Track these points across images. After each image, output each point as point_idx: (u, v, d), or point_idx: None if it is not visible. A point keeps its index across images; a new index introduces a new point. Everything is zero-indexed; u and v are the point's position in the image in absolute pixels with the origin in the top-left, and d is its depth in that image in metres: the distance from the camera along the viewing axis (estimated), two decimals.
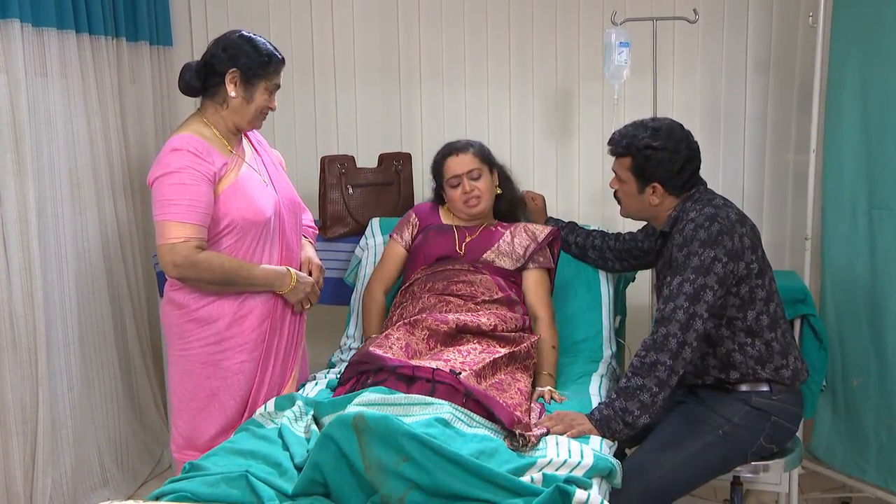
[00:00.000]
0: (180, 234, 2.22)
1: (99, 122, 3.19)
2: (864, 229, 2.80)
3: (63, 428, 2.98)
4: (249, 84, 2.35)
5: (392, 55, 3.68)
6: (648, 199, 2.36)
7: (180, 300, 2.37)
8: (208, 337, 2.36)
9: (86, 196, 3.12)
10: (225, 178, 2.32)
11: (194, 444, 2.42)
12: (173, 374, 2.45)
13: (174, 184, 2.23)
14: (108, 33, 3.25)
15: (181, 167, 2.24)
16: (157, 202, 2.26)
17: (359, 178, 3.23)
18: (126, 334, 3.35)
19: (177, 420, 2.45)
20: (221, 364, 2.38)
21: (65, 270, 3.00)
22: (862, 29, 2.77)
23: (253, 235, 2.36)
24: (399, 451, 1.64)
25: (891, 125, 2.69)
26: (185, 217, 2.22)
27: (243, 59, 2.33)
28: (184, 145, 2.27)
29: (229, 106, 2.36)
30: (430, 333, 2.35)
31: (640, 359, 2.19)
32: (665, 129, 2.35)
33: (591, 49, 3.52)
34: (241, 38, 2.37)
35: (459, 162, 2.77)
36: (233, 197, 2.32)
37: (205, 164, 2.27)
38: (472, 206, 2.76)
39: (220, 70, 2.34)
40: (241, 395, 2.42)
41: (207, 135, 2.34)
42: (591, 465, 1.84)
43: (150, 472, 3.43)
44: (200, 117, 2.39)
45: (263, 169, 2.49)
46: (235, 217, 2.32)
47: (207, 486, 1.67)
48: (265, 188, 2.43)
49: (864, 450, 2.86)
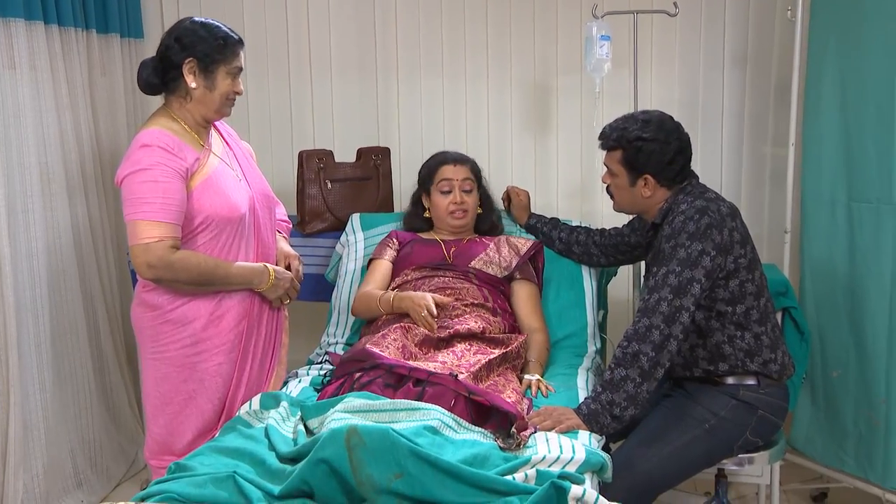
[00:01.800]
0: (154, 233, 2.15)
1: (69, 117, 3.11)
2: (843, 222, 2.82)
3: (35, 429, 2.90)
4: (208, 72, 2.27)
5: (369, 48, 3.64)
6: (640, 192, 2.36)
7: (153, 301, 2.30)
8: (184, 339, 2.30)
9: (57, 192, 3.04)
10: (197, 173, 2.25)
11: (171, 449, 2.36)
12: (147, 377, 2.38)
13: (146, 181, 2.15)
14: (78, 25, 3.17)
15: (152, 164, 2.16)
16: (129, 201, 2.18)
17: (337, 172, 3.19)
18: (99, 333, 3.28)
19: (152, 425, 2.38)
20: (198, 366, 2.32)
21: (36, 268, 2.93)
22: (840, 22, 2.78)
23: (228, 232, 2.30)
24: (392, 467, 1.61)
25: (869, 118, 2.70)
26: (159, 216, 2.15)
27: (199, 46, 2.25)
28: (154, 141, 2.19)
29: (192, 97, 2.28)
30: (424, 338, 2.35)
31: (622, 349, 2.18)
32: (655, 120, 2.35)
33: (570, 43, 3.51)
34: (192, 25, 2.29)
35: (456, 170, 2.80)
36: (206, 193, 2.25)
37: (176, 159, 2.20)
38: (457, 217, 2.78)
39: (176, 62, 2.26)
40: (218, 397, 2.36)
41: (176, 129, 2.27)
42: (584, 459, 1.83)
43: (124, 473, 3.37)
44: (167, 111, 2.32)
45: (236, 163, 2.42)
46: (209, 213, 2.25)
47: (195, 487, 1.63)
48: (238, 183, 2.37)
49: (843, 441, 2.88)
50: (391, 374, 2.10)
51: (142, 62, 2.33)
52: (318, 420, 1.95)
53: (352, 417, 1.85)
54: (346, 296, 2.88)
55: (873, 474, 2.78)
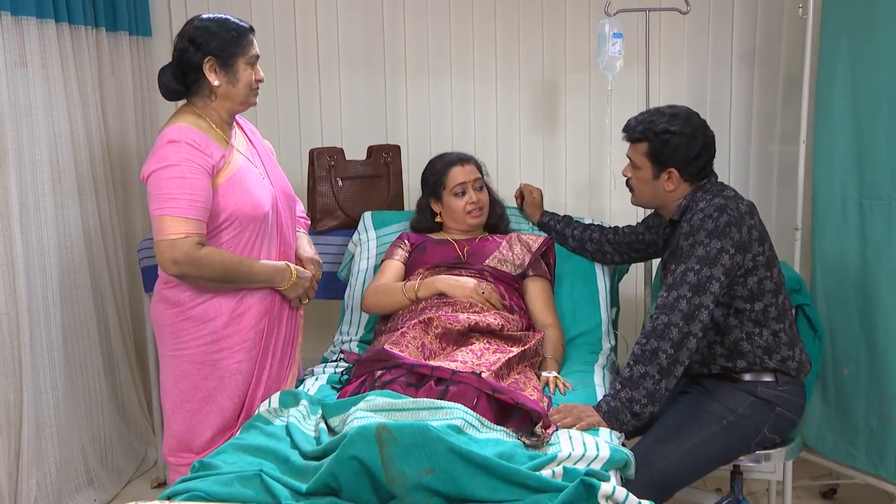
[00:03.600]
0: (180, 229, 2.15)
1: (80, 115, 3.11)
2: (854, 219, 2.83)
3: (47, 427, 2.90)
4: (228, 66, 2.27)
5: (377, 46, 3.63)
6: (663, 186, 2.36)
7: (175, 298, 2.30)
8: (204, 336, 2.30)
9: (67, 190, 3.04)
10: (223, 170, 2.26)
11: (190, 447, 2.36)
12: (167, 375, 2.37)
13: (173, 177, 2.16)
14: (88, 23, 3.17)
15: (180, 160, 2.17)
16: (155, 197, 2.18)
17: (348, 170, 3.19)
18: (109, 331, 3.27)
19: (171, 423, 2.38)
20: (219, 364, 2.32)
21: (48, 266, 2.93)
22: (852, 20, 2.79)
23: (251, 230, 2.31)
24: (424, 463, 1.60)
25: (881, 115, 2.71)
26: (186, 212, 2.15)
27: (213, 42, 2.25)
28: (181, 137, 2.19)
29: (217, 95, 2.29)
30: (444, 332, 2.34)
31: (640, 347, 2.18)
32: (683, 115, 2.35)
33: (578, 40, 3.51)
34: (202, 23, 2.28)
35: (465, 171, 2.80)
36: (230, 190, 2.26)
37: (203, 156, 2.20)
38: (475, 216, 2.79)
39: (195, 63, 2.26)
40: (238, 395, 2.36)
41: (203, 126, 2.27)
42: (608, 457, 1.83)
43: (134, 471, 3.37)
44: (192, 109, 2.31)
45: (259, 161, 2.43)
46: (233, 211, 2.26)
47: (221, 486, 1.63)
48: (262, 181, 2.37)
49: (854, 437, 2.89)
50: (413, 374, 2.10)
51: (160, 70, 2.33)
52: (339, 418, 1.95)
53: (374, 416, 1.85)
54: (358, 294, 2.87)
55: (885, 470, 2.79)
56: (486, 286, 2.54)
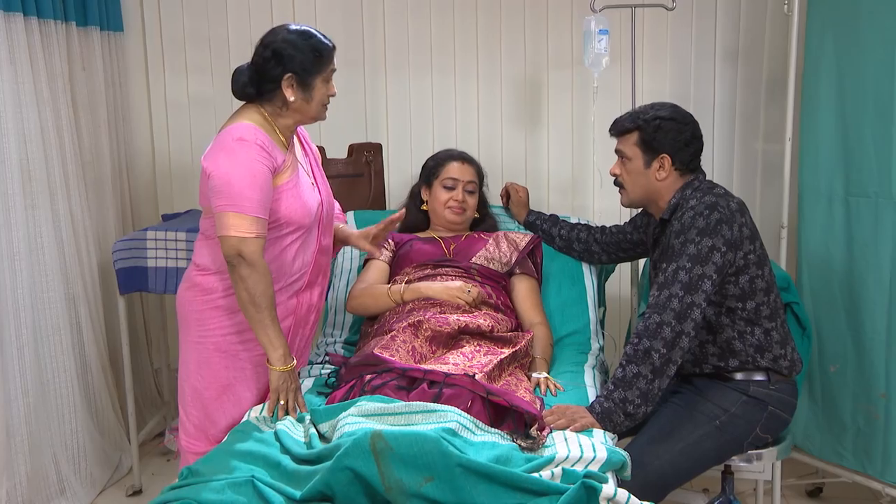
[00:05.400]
0: (253, 228, 2.13)
1: (50, 112, 3.01)
2: (841, 217, 2.81)
3: (18, 435, 2.80)
4: (306, 84, 2.24)
5: (356, 42, 3.57)
6: (654, 175, 2.33)
7: (208, 285, 2.29)
8: (230, 327, 2.29)
9: (38, 190, 2.94)
10: (281, 175, 2.24)
11: (207, 434, 2.35)
12: (188, 361, 2.35)
13: (244, 176, 2.13)
14: (58, 17, 3.07)
15: (250, 160, 2.14)
16: (226, 193, 2.13)
17: (329, 169, 3.11)
18: (82, 335, 3.17)
19: (190, 409, 2.36)
20: (240, 355, 2.31)
21: (17, 269, 2.82)
22: (838, 16, 2.78)
23: (295, 235, 2.30)
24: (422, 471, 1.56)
25: (868, 112, 2.70)
26: (256, 212, 2.14)
27: (297, 59, 2.21)
28: (250, 136, 2.16)
29: (290, 108, 2.26)
30: (434, 335, 2.30)
31: (633, 346, 2.15)
32: (669, 106, 2.38)
33: (561, 37, 3.49)
34: (289, 36, 2.23)
35: (463, 170, 2.80)
36: (284, 195, 2.24)
37: (270, 158, 2.18)
38: (456, 212, 2.78)
39: (274, 76, 2.22)
40: (257, 388, 2.35)
41: (268, 129, 2.24)
42: (606, 458, 1.80)
43: (108, 479, 3.27)
44: (259, 109, 2.27)
45: (311, 170, 2.42)
46: (284, 214, 2.24)
47: (213, 493, 1.57)
48: (312, 191, 2.36)
49: (841, 435, 2.88)
50: (404, 377, 2.05)
51: (237, 69, 2.28)
52: (329, 424, 1.90)
53: (366, 421, 1.80)
54: (342, 295, 2.82)
55: (872, 468, 2.79)
56: (471, 286, 2.50)
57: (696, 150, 2.34)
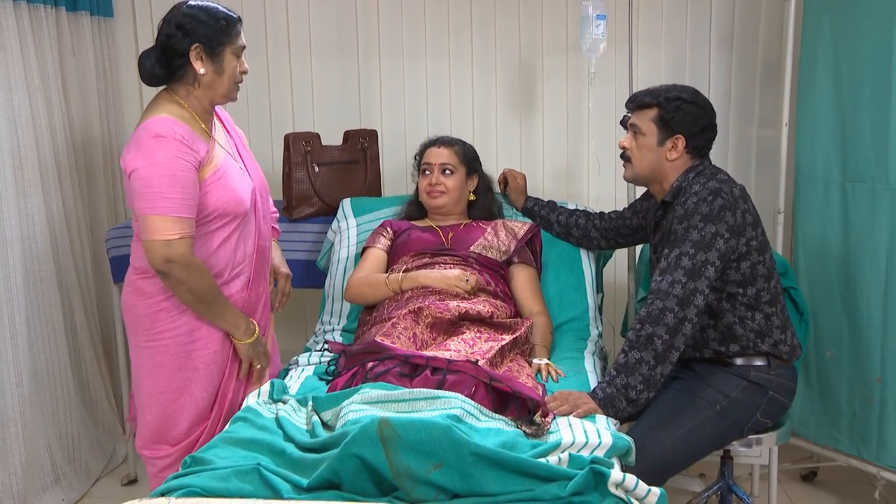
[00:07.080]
0: (175, 229, 2.07)
1: (41, 98, 2.97)
2: (837, 202, 2.82)
3: (12, 425, 2.77)
4: (215, 55, 2.19)
5: (349, 27, 3.54)
6: (665, 155, 2.32)
7: (149, 289, 2.21)
8: (179, 327, 2.23)
9: (30, 178, 2.91)
10: (207, 165, 2.17)
11: (165, 438, 2.29)
12: (140, 366, 2.29)
13: (164, 175, 2.06)
14: (47, 2, 3.03)
15: (169, 157, 2.07)
16: (146, 195, 2.07)
17: (324, 156, 3.10)
18: (76, 324, 3.15)
19: (145, 415, 2.30)
20: (193, 355, 2.25)
21: (10, 258, 2.79)
22: (834, 1, 2.77)
23: (233, 225, 2.24)
24: (431, 458, 1.55)
25: (864, 97, 2.70)
26: (179, 211, 2.07)
27: (201, 30, 2.16)
28: (168, 132, 2.09)
29: (201, 84, 2.19)
30: (434, 322, 2.29)
31: (635, 332, 2.15)
32: (692, 89, 2.37)
33: (556, 22, 3.47)
34: (190, 9, 2.19)
35: (437, 153, 2.79)
36: (214, 186, 2.18)
37: (192, 152, 2.11)
38: (433, 196, 2.77)
39: (181, 50, 2.16)
40: (212, 385, 2.29)
41: (186, 117, 2.18)
42: (611, 444, 1.79)
43: (103, 469, 3.26)
44: (172, 97, 2.21)
45: (237, 153, 2.35)
46: (216, 207, 2.18)
47: (218, 481, 1.55)
48: (242, 176, 2.30)
49: (836, 420, 2.89)
50: (406, 364, 2.04)
51: (142, 53, 2.21)
52: (332, 412, 1.88)
53: (369, 408, 1.79)
54: (339, 283, 2.80)
55: (867, 452, 2.80)
56: (469, 275, 2.49)
57: (710, 137, 2.34)
